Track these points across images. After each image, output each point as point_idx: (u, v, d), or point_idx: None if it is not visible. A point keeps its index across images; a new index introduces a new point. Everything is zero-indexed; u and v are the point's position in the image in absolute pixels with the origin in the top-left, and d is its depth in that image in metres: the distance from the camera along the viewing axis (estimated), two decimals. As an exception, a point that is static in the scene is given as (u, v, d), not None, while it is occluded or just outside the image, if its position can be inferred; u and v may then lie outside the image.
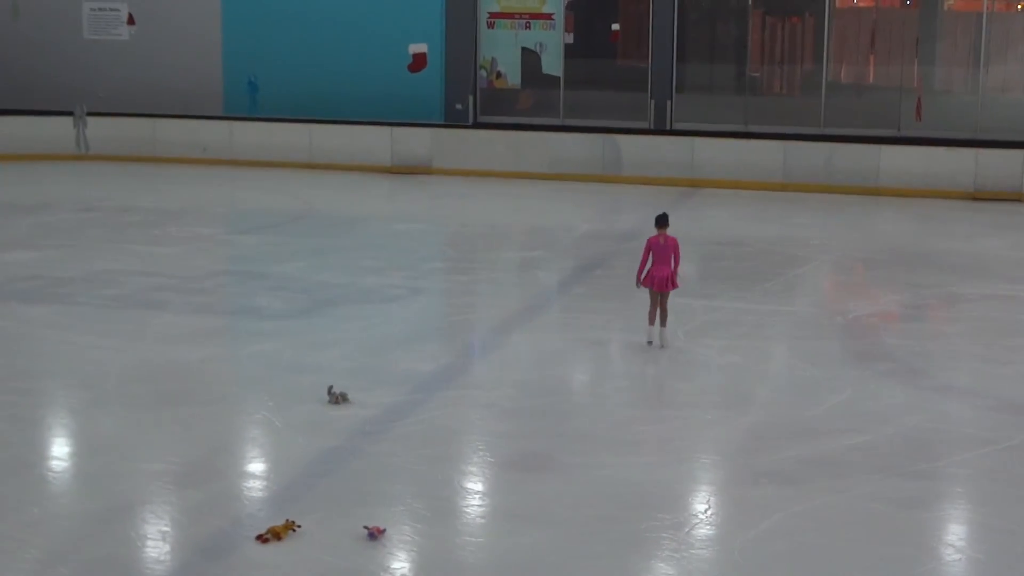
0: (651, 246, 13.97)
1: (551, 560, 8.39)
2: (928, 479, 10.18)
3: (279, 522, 8.69)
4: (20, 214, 22.05)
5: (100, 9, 30.62)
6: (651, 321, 13.93)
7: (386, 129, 28.08)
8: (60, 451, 10.83)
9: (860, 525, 9.13)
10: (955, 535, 9.21)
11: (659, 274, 13.90)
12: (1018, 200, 24.57)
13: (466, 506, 9.58)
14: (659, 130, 27.62)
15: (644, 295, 14.29)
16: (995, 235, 21.49)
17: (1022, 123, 26.50)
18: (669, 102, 27.74)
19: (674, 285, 14.02)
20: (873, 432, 11.14)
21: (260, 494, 9.63)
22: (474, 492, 9.85)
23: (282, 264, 17.97)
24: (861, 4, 29.09)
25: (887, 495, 9.69)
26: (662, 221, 13.99)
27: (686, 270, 18.83)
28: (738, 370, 13.17)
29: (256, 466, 10.40)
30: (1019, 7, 28.17)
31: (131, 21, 28.90)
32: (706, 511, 9.54)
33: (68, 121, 28.71)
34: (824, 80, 27.71)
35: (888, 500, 9.59)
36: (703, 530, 9.12)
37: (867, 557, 8.62)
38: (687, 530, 9.05)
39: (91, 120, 28.71)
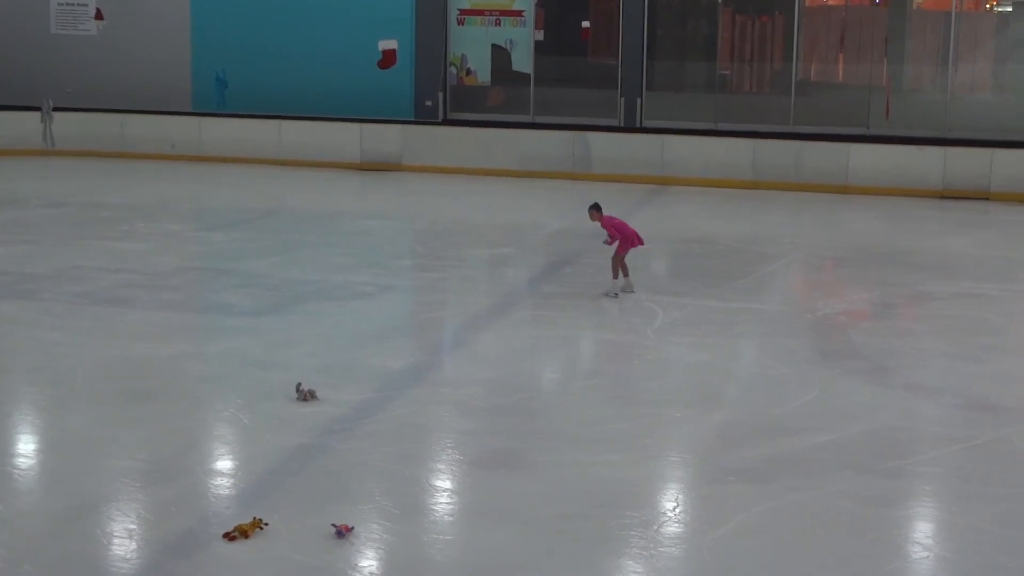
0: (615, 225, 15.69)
1: (520, 558, 8.38)
2: (897, 477, 10.21)
3: (247, 520, 8.65)
4: (-14, 210, 21.93)
5: (68, 4, 30.45)
6: (616, 276, 15.56)
7: (356, 125, 28.03)
8: (25, 448, 10.74)
9: (829, 523, 9.15)
10: (923, 533, 9.23)
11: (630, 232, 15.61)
12: (986, 199, 24.71)
13: (435, 504, 9.56)
14: (629, 127, 27.66)
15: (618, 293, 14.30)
16: (963, 233, 21.60)
17: (990, 122, 26.63)
18: (639, 100, 27.78)
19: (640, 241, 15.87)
20: (842, 430, 11.16)
21: (227, 492, 9.58)
22: (443, 490, 9.83)
23: (251, 261, 17.90)
24: (831, 3, 29.20)
25: (856, 493, 9.71)
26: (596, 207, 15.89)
27: (655, 267, 18.93)
28: (707, 368, 13.18)
29: (224, 463, 10.35)
30: (987, 7, 28.30)
31: (99, 16, 28.78)
32: (675, 509, 9.54)
33: (35, 116, 28.56)
34: (794, 78, 27.79)
35: (857, 498, 9.61)
36: (672, 528, 9.12)
37: (836, 555, 8.63)
38: (656, 528, 9.05)
39: (58, 115, 28.56)
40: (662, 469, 10.41)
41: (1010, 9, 28.84)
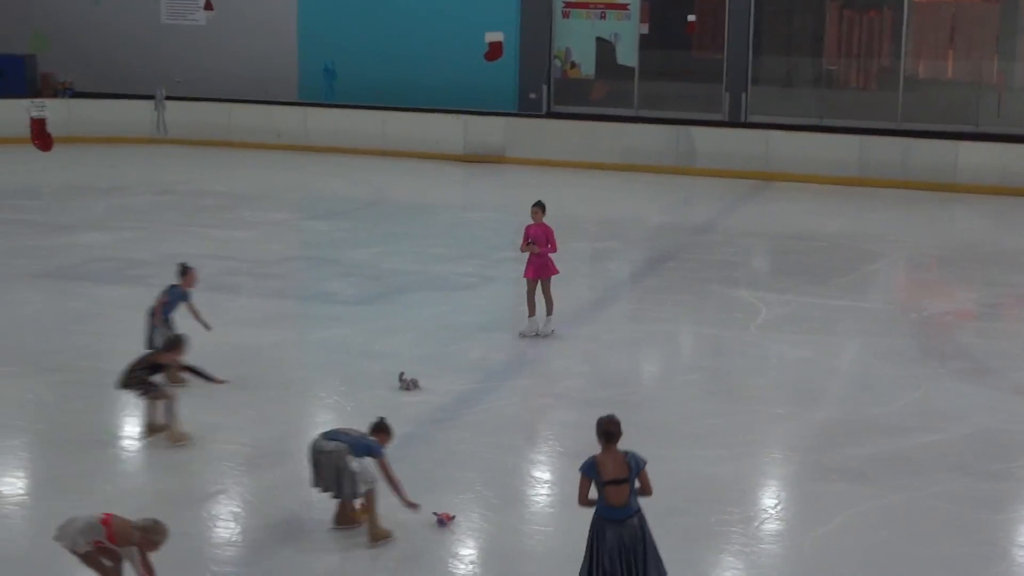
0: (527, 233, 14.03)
1: (619, 551, 8.38)
2: (1002, 480, 10.09)
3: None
4: (97, 196, 22.33)
5: (179, -6, 30.97)
6: (531, 312, 13.80)
7: (460, 117, 28.13)
8: (132, 431, 10.95)
9: (931, 524, 9.08)
10: (1030, 537, 9.14)
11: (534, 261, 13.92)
12: (1098, 199, 24.23)
13: (535, 495, 9.63)
14: (734, 122, 27.47)
15: (718, 289, 14.19)
16: (1074, 234, 21.21)
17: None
18: (744, 94, 27.57)
19: (554, 271, 13.97)
20: (945, 431, 11.05)
21: (330, 478, 9.69)
22: (543, 481, 9.89)
23: (354, 250, 18.08)
24: (941, -2, 28.77)
25: (959, 495, 9.62)
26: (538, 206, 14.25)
27: (758, 264, 18.78)
28: (809, 365, 13.10)
29: (326, 450, 10.46)
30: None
31: (209, 6, 29.13)
32: (776, 506, 9.51)
33: (145, 104, 29.02)
34: (902, 74, 27.43)
35: (960, 500, 9.52)
36: (772, 525, 9.10)
37: (938, 556, 8.56)
38: (756, 524, 9.04)
39: (169, 104, 29.00)
40: (763, 466, 10.37)
41: None
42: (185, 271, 12.26)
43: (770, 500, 9.66)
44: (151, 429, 10.44)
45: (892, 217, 22.42)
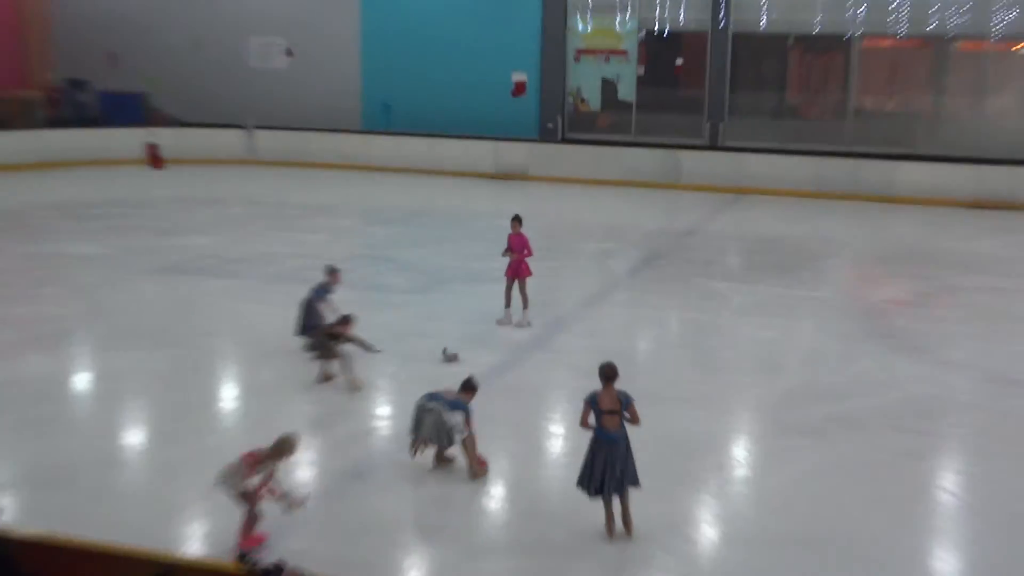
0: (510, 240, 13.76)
1: (619, 491, 8.46)
2: (928, 436, 10.15)
3: (406, 454, 8.87)
4: (200, 207, 22.46)
5: (264, 43, 31.03)
6: (507, 304, 13.73)
7: (491, 143, 28.21)
8: (229, 394, 11.12)
9: (872, 471, 9.15)
10: (951, 482, 9.17)
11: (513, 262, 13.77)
12: (1011, 208, 24.16)
13: (551, 446, 9.73)
14: (713, 146, 27.49)
15: (700, 281, 14.21)
16: (991, 237, 21.15)
17: (1016, 144, 26.00)
18: (722, 124, 27.57)
19: (527, 272, 13.77)
20: (884, 396, 11.11)
21: (387, 432, 9.83)
22: (558, 435, 9.99)
23: (406, 250, 18.17)
24: (883, 44, 28.60)
25: (895, 448, 9.68)
26: (516, 219, 13.91)
27: (731, 261, 18.78)
28: (773, 343, 13.15)
29: (384, 409, 10.60)
30: (1015, 48, 27.52)
31: (290, 53, 29.24)
32: (744, 456, 9.59)
33: (237, 133, 29.17)
34: (851, 107, 27.38)
35: (896, 452, 9.58)
36: (742, 471, 9.19)
37: (876, 496, 8.64)
38: (729, 471, 9.13)
39: (257, 132, 29.16)
40: (735, 424, 10.45)
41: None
42: (333, 272, 12.20)
43: (740, 451, 9.74)
44: (325, 378, 11.05)
45: (842, 224, 22.39)
